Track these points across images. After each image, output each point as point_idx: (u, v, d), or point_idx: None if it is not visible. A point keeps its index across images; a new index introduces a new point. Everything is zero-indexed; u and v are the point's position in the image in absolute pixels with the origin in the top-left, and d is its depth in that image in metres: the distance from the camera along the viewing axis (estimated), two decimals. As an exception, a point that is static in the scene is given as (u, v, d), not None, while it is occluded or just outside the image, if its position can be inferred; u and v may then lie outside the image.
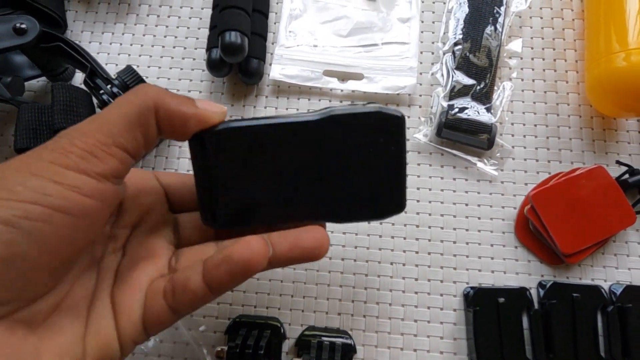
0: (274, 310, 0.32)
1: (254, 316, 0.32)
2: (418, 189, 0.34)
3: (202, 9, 0.39)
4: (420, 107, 0.36)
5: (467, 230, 0.33)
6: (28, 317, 0.18)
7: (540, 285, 0.32)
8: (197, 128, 0.21)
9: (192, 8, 0.39)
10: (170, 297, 0.20)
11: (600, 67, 0.32)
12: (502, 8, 0.37)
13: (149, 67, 0.37)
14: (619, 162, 0.34)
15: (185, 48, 0.38)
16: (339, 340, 0.31)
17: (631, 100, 0.31)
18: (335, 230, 0.33)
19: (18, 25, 0.31)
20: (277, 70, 0.36)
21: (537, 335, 0.31)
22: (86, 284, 0.20)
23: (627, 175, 0.33)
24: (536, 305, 0.32)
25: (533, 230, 0.33)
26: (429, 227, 0.33)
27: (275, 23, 0.38)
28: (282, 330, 0.31)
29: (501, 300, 0.31)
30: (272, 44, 0.38)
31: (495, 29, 0.36)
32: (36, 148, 0.18)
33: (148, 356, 0.31)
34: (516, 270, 0.33)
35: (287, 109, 0.36)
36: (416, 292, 0.32)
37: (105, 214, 0.19)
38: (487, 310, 0.31)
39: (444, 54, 0.36)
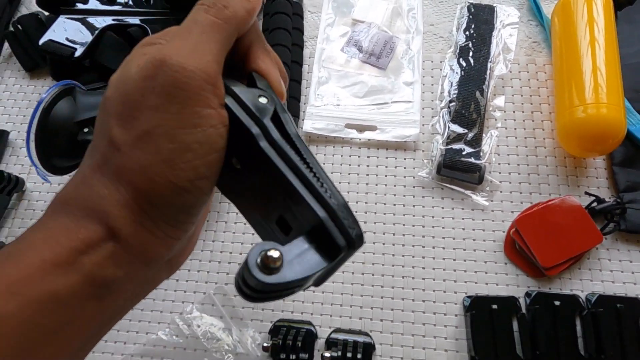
0: (307, 315, 0.39)
1: (291, 320, 0.39)
2: (423, 216, 0.42)
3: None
4: (423, 151, 0.45)
5: (464, 250, 0.41)
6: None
7: (527, 294, 0.39)
8: None
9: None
10: None
11: (566, 118, 0.41)
12: (487, 72, 0.46)
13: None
14: (587, 193, 0.41)
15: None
16: (360, 340, 0.38)
17: (591, 143, 0.39)
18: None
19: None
20: (309, 124, 0.46)
21: (525, 336, 0.37)
22: None
23: (595, 204, 0.40)
24: (524, 311, 0.38)
25: (519, 249, 0.40)
26: (433, 247, 0.41)
27: (306, 88, 0.48)
28: (314, 331, 0.38)
29: (494, 306, 0.38)
30: (305, 104, 0.48)
31: (482, 89, 0.45)
32: None
33: (208, 351, 0.39)
34: (506, 282, 0.40)
35: (316, 154, 0.45)
36: (423, 301, 0.39)
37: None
38: (483, 315, 0.38)
39: (441, 109, 0.46)
